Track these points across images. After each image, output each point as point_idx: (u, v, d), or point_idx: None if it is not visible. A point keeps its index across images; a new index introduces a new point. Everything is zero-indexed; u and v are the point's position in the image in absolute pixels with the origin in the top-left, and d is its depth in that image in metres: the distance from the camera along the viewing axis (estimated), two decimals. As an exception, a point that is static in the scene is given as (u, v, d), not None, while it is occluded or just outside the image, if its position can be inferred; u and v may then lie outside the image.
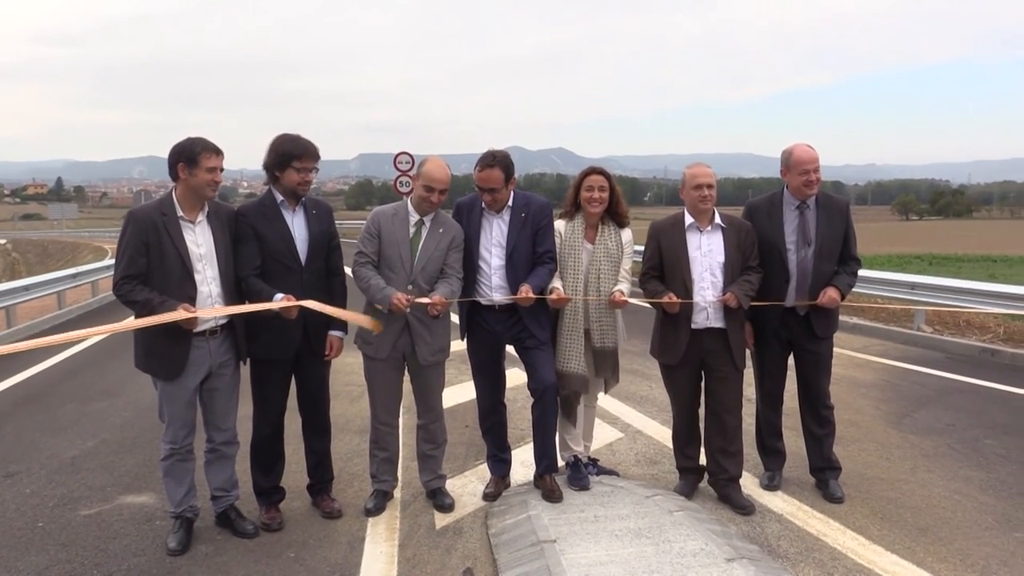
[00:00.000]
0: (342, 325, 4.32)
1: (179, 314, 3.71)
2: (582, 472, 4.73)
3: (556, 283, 4.48)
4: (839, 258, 4.63)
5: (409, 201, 4.42)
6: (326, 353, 4.38)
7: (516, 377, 4.94)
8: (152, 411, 4.42)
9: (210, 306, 3.93)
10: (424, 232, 4.36)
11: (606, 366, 4.67)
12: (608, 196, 4.54)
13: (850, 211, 4.70)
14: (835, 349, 4.85)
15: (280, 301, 3.98)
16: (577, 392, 4.65)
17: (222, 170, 3.97)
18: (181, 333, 3.89)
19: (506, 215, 4.45)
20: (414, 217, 4.37)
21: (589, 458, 4.94)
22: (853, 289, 4.91)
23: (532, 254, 4.45)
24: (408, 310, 4.21)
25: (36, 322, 12.35)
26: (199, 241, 3.96)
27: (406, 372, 4.56)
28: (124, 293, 3.83)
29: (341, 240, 4.54)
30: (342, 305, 4.32)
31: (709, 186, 4.42)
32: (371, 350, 4.43)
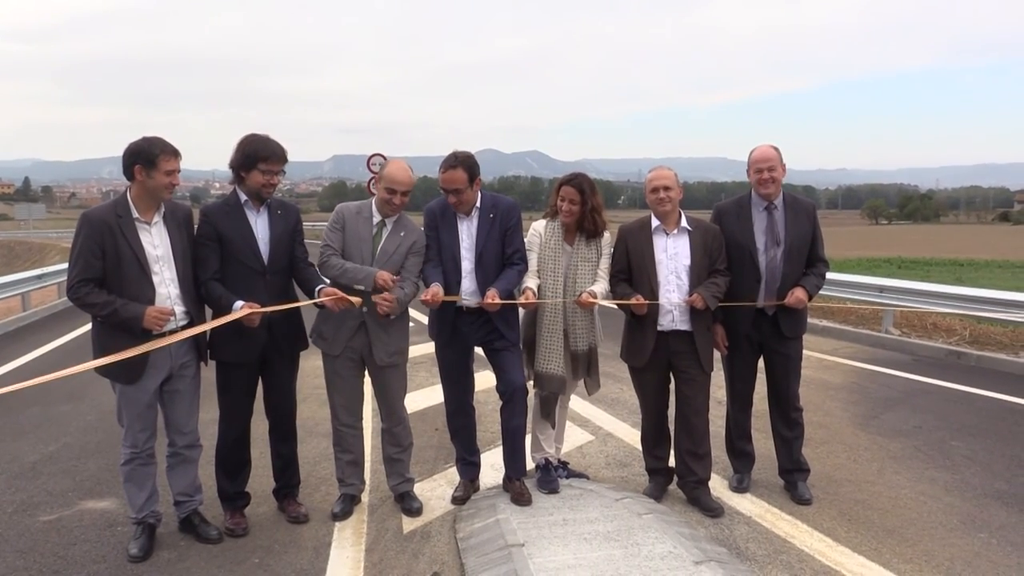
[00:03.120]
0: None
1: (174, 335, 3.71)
2: (552, 475, 4.71)
3: (530, 282, 4.46)
4: (807, 260, 4.67)
5: (373, 202, 4.39)
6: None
7: (486, 380, 4.92)
8: (115, 415, 4.35)
9: (169, 307, 3.86)
10: (385, 233, 4.33)
11: (582, 368, 4.65)
12: (579, 209, 4.49)
13: (816, 213, 4.75)
14: (805, 351, 4.89)
15: (241, 310, 3.93)
16: (555, 393, 4.64)
17: (179, 171, 3.91)
18: (140, 335, 3.81)
19: (474, 217, 4.43)
20: (376, 218, 4.34)
21: (559, 461, 4.92)
22: (823, 291, 4.95)
23: (501, 255, 4.43)
24: (396, 283, 4.19)
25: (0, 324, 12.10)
26: (155, 242, 3.89)
27: (367, 374, 4.52)
28: (81, 296, 3.74)
29: (310, 240, 4.47)
30: (311, 291, 4.26)
31: (666, 188, 4.44)
32: (325, 346, 4.40)
